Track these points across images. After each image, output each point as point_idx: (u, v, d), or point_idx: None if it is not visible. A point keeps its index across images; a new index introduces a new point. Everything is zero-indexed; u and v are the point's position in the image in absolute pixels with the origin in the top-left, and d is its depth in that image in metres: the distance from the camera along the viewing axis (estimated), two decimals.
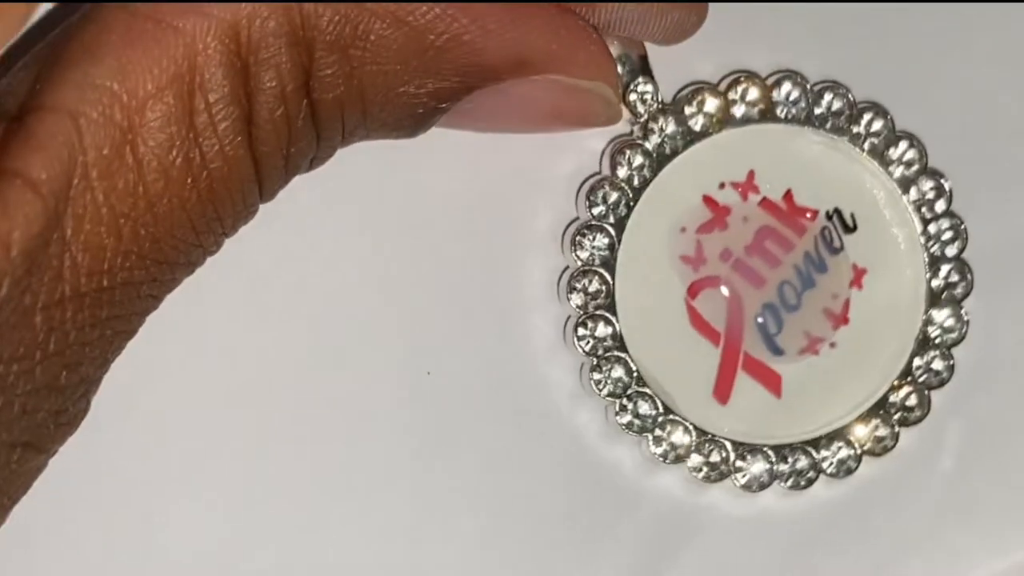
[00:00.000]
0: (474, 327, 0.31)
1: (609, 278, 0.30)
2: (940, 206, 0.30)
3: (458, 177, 0.31)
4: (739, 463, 0.30)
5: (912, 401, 0.30)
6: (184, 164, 0.24)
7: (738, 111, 0.30)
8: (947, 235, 0.30)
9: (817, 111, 0.30)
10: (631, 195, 0.30)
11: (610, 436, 0.31)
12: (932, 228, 0.30)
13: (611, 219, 0.30)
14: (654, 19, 0.28)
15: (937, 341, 0.30)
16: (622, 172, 0.30)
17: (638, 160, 0.30)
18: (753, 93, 0.30)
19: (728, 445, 0.30)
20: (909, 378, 0.30)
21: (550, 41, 0.27)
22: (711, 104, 0.30)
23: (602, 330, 0.30)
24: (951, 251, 0.30)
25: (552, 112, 0.27)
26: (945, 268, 0.30)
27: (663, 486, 0.31)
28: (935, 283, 0.30)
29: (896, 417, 0.30)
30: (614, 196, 0.30)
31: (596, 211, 0.30)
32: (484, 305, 0.31)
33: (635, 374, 0.30)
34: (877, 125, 0.30)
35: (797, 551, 0.31)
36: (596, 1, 0.27)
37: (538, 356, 0.31)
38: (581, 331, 0.30)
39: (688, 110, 0.30)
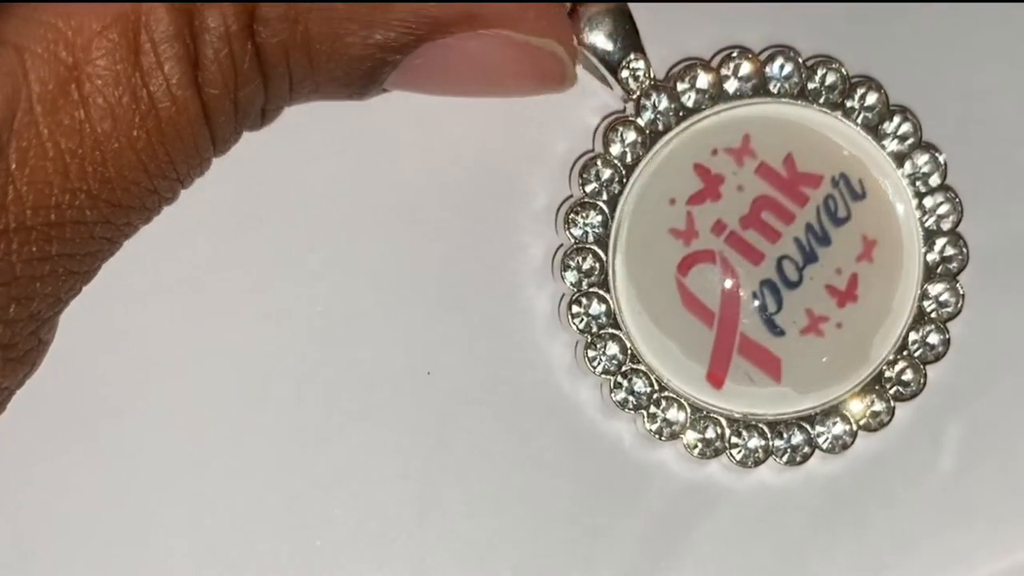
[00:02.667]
0: (472, 306, 0.31)
1: (603, 255, 0.30)
2: (935, 180, 0.30)
3: (453, 158, 0.31)
4: (734, 439, 0.30)
5: (908, 376, 0.30)
6: (131, 103, 0.24)
7: (731, 87, 0.30)
8: (942, 209, 0.30)
9: (811, 86, 0.30)
10: (624, 172, 0.30)
11: (609, 411, 0.31)
12: (927, 202, 0.30)
13: (604, 196, 0.30)
14: None
15: (933, 315, 0.30)
16: (615, 149, 0.30)
17: (631, 137, 0.30)
18: (746, 68, 0.30)
19: (723, 421, 0.30)
20: (905, 352, 0.30)
21: None
22: (704, 80, 0.30)
23: (596, 308, 0.30)
24: (946, 225, 0.30)
25: (504, 70, 0.27)
26: (940, 242, 0.30)
27: (662, 460, 0.31)
28: (930, 257, 0.30)
29: (892, 392, 0.30)
30: (607, 173, 0.30)
31: (589, 188, 0.30)
32: (482, 284, 0.31)
33: (629, 352, 0.30)
34: (871, 99, 0.30)
35: (793, 525, 0.31)
36: None
37: (537, 333, 0.31)
38: (575, 309, 0.30)
39: (681, 86, 0.30)
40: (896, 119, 0.30)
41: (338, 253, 0.31)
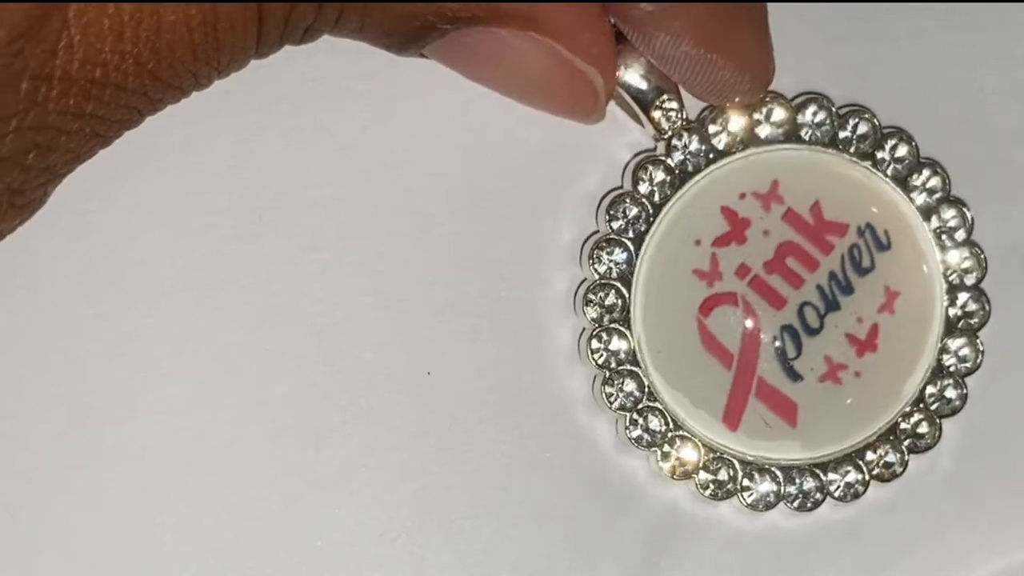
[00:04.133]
0: (494, 336, 0.31)
1: (626, 292, 0.30)
2: (960, 235, 0.30)
3: (484, 187, 0.31)
4: (746, 482, 0.30)
5: (923, 428, 0.30)
6: None
7: (763, 131, 0.30)
8: (967, 264, 0.30)
9: (842, 134, 0.30)
10: (651, 210, 0.30)
11: (623, 447, 0.31)
12: (952, 256, 0.30)
13: (630, 233, 0.30)
14: (704, 70, 0.28)
15: (951, 369, 0.30)
16: (643, 187, 0.30)
17: (660, 176, 0.30)
18: (779, 114, 0.30)
19: (736, 464, 0.30)
20: (921, 405, 0.30)
21: (566, 9, 0.27)
22: (736, 123, 0.30)
23: (616, 344, 0.30)
24: (969, 280, 0.30)
25: (541, 80, 0.27)
26: (963, 297, 0.30)
27: (671, 498, 0.31)
28: (952, 312, 0.30)
29: (906, 444, 0.30)
30: (634, 211, 0.30)
31: (615, 225, 0.30)
32: (504, 314, 0.31)
33: (647, 389, 0.30)
34: (901, 151, 0.30)
35: (798, 563, 0.32)
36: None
37: (556, 366, 0.32)
38: (595, 344, 0.30)
39: (712, 128, 0.30)
40: (925, 172, 0.30)
41: (339, 253, 0.31)
